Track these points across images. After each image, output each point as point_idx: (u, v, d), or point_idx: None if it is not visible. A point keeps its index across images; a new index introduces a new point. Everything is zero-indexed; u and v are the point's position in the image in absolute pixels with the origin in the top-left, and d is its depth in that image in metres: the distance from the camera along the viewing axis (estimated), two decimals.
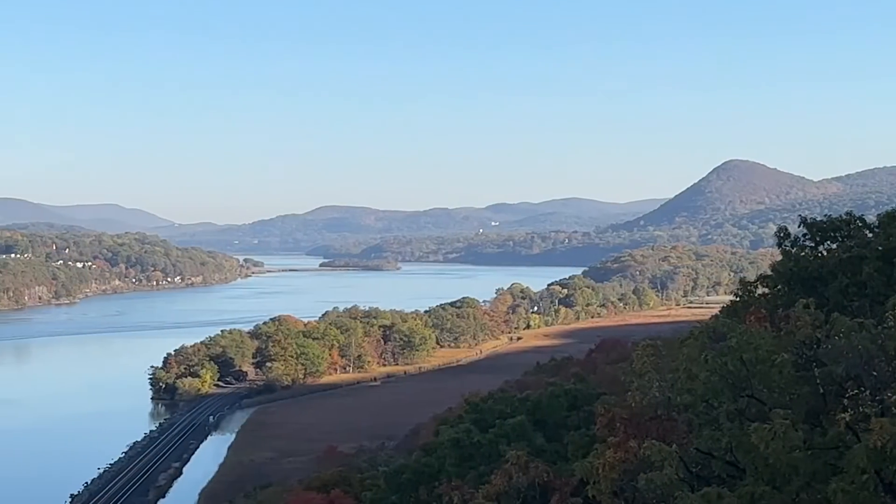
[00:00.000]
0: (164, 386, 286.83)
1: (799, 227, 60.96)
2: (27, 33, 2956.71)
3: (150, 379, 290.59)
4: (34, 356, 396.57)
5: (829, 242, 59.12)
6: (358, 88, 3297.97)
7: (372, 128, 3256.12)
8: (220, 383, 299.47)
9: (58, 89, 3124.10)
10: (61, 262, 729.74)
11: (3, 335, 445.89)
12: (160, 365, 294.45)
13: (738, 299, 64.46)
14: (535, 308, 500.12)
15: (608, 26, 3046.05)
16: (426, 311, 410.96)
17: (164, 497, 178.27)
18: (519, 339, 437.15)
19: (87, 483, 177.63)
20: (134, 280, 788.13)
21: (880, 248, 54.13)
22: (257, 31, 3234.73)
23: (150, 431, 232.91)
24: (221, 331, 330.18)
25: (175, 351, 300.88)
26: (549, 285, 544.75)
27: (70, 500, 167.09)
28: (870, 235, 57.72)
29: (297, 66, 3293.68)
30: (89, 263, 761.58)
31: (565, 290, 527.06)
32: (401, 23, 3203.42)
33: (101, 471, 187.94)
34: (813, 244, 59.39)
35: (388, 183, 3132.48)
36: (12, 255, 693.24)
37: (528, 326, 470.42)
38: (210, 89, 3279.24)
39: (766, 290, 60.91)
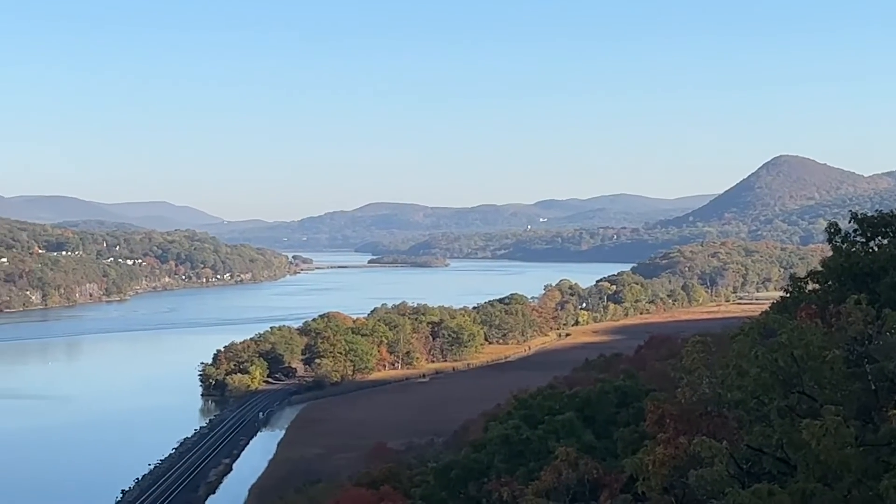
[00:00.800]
0: (213, 382, 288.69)
1: (850, 222, 60.37)
2: (84, 32, 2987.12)
3: (200, 375, 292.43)
4: (86, 353, 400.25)
5: (880, 238, 58.54)
6: (406, 86, 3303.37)
7: (420, 125, 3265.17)
8: (270, 380, 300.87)
9: (110, 87, 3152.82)
10: (112, 259, 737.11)
11: (56, 332, 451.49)
12: (210, 361, 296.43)
13: (788, 295, 64.02)
14: (584, 304, 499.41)
15: (658, 21, 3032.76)
16: (474, 308, 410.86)
17: (214, 493, 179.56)
18: (567, 335, 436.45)
19: (137, 479, 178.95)
20: (184, 277, 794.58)
21: None
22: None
23: (201, 427, 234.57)
24: (271, 327, 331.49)
25: (225, 347, 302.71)
26: (597, 281, 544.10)
27: (121, 495, 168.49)
28: None
29: (339, 64, 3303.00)
30: (139, 261, 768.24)
31: (614, 287, 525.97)
32: (447, 20, 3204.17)
33: (152, 466, 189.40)
34: (864, 240, 58.82)
35: (437, 179, 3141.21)
36: (64, 253, 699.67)
37: (577, 323, 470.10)
38: (259, 87, 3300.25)
39: (817, 286, 60.41)
